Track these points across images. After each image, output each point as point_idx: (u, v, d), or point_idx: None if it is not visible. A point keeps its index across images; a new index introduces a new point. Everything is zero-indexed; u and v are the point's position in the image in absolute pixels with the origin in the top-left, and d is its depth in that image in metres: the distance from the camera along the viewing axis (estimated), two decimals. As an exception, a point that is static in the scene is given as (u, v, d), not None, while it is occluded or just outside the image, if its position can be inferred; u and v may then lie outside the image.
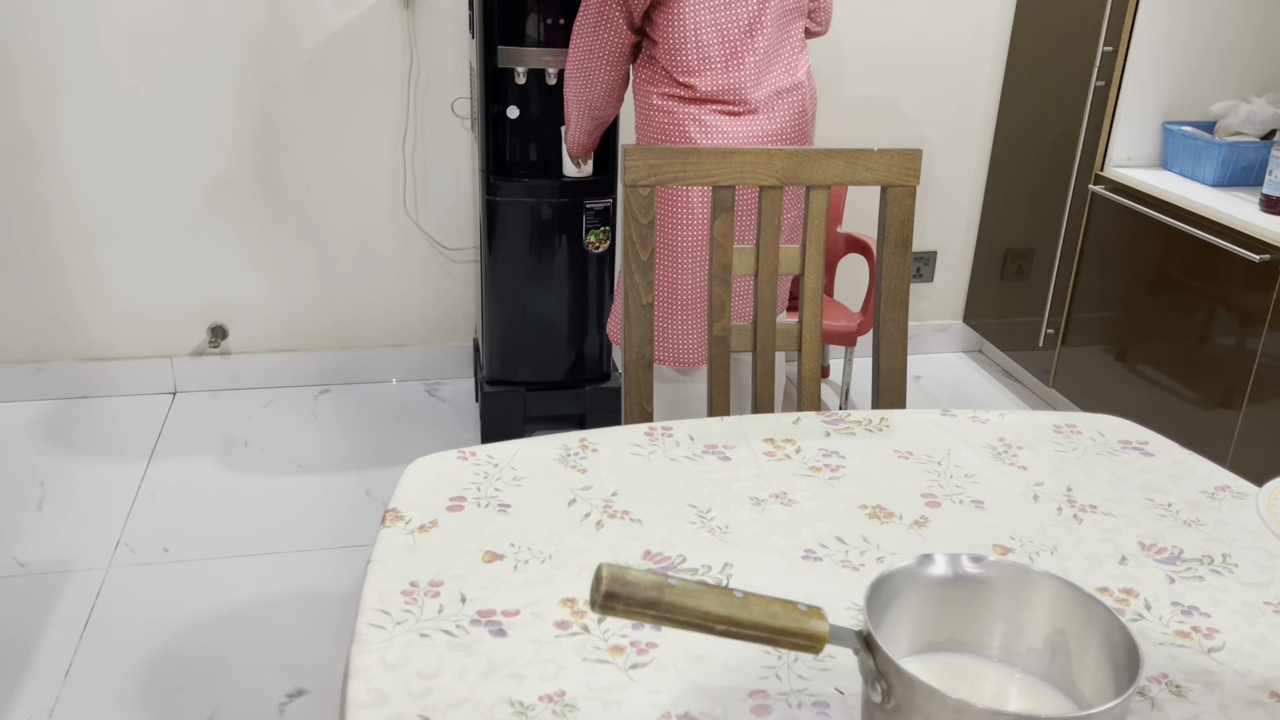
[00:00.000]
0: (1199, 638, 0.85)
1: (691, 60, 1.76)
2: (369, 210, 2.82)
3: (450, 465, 1.06)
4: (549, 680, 0.78)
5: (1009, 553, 0.96)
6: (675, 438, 1.14)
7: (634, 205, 1.23)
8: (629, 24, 1.79)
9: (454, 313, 2.99)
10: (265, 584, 2.08)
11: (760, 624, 0.68)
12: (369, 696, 0.75)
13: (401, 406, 2.86)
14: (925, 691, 0.66)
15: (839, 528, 0.99)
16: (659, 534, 0.96)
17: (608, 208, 2.55)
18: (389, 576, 0.89)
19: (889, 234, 1.29)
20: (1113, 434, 1.19)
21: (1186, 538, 0.99)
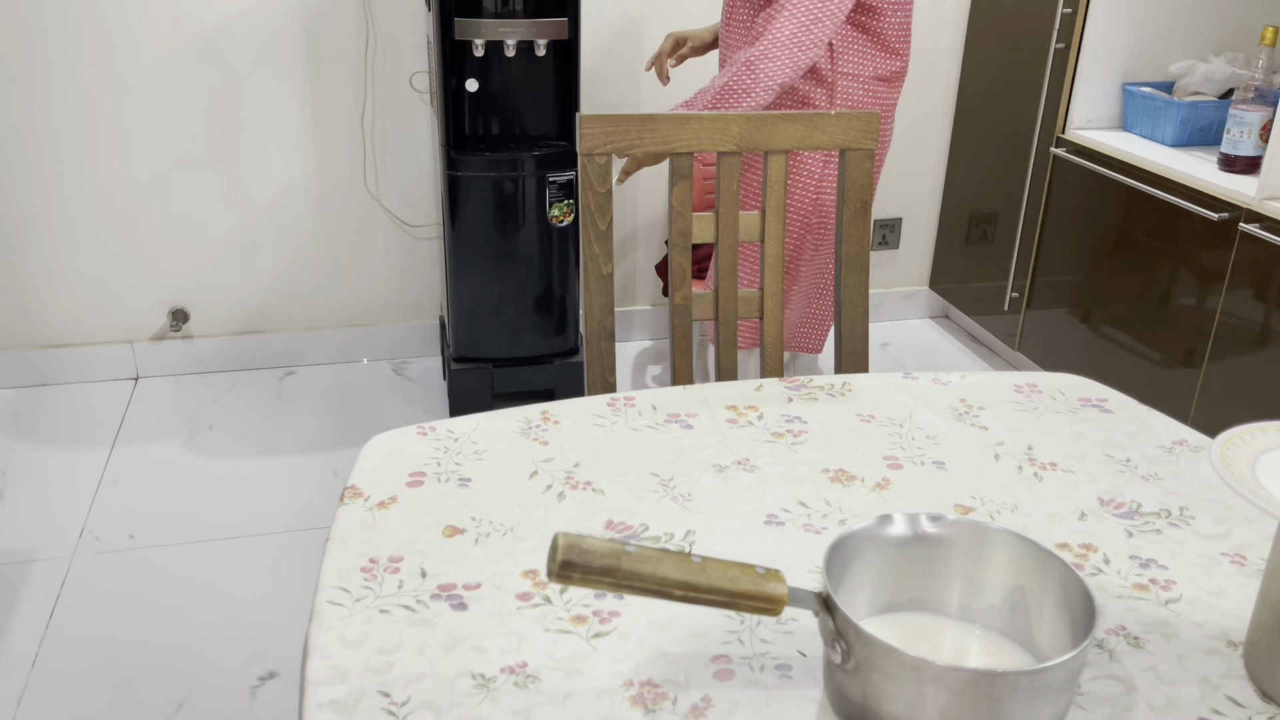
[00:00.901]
0: (1156, 590, 0.86)
1: (902, 30, 1.70)
2: (329, 188, 2.79)
3: (410, 441, 1.05)
4: (511, 652, 0.77)
5: (970, 512, 0.96)
6: (638, 407, 1.14)
7: (591, 174, 1.21)
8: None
9: (419, 290, 2.96)
10: (233, 568, 2.06)
11: (718, 588, 0.68)
12: (328, 674, 0.74)
13: (368, 386, 2.83)
14: (884, 650, 0.66)
15: (801, 492, 0.99)
16: (621, 503, 0.96)
17: (571, 180, 2.53)
18: (348, 554, 0.88)
19: (848, 198, 1.28)
20: (1072, 392, 1.19)
21: (1145, 492, 1.00)
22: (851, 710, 0.70)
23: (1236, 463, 0.73)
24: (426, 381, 2.87)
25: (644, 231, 3.05)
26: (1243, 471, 0.72)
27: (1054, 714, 0.66)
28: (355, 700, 0.72)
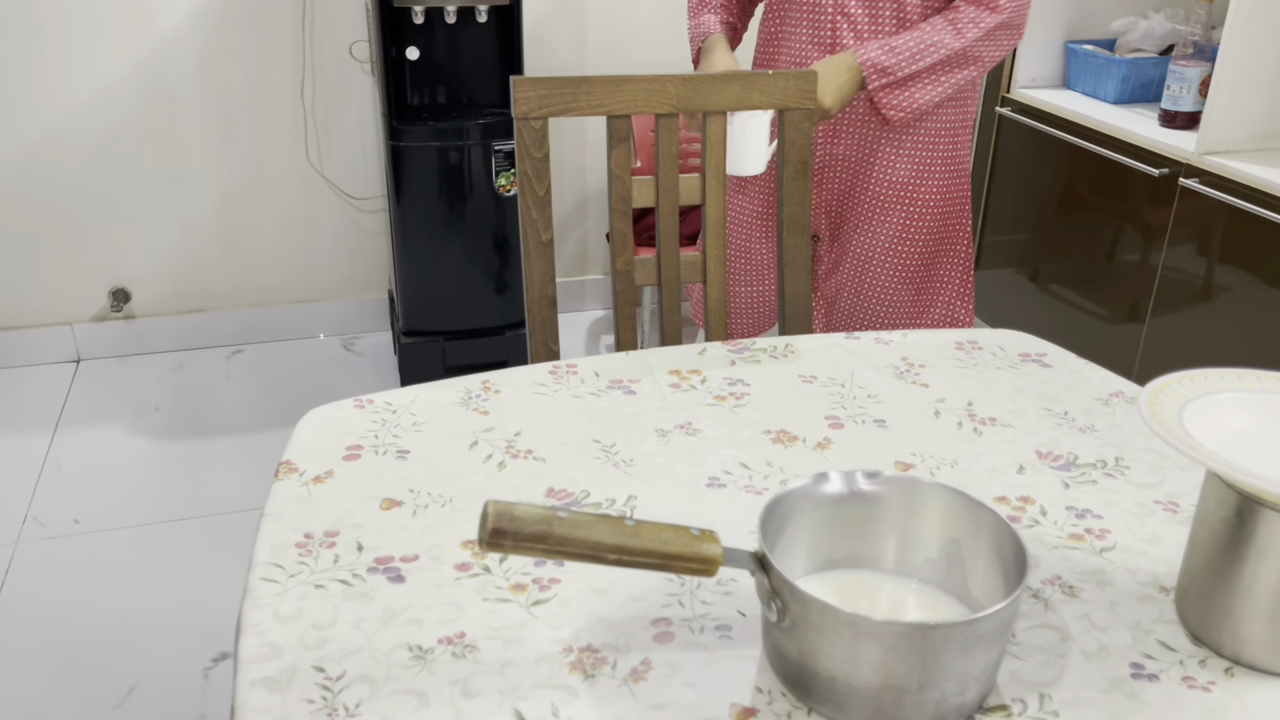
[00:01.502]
0: (1091, 539, 0.87)
1: None
2: (270, 162, 2.73)
3: (347, 414, 1.04)
4: (449, 623, 0.76)
5: (910, 469, 0.97)
6: (580, 375, 1.13)
7: (527, 139, 1.19)
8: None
9: (367, 264, 2.92)
10: (182, 550, 2.03)
11: (652, 551, 0.67)
12: (261, 652, 0.73)
13: (318, 363, 2.80)
14: (819, 608, 0.66)
15: (743, 454, 0.99)
16: (562, 471, 0.95)
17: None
18: (282, 530, 0.86)
19: (788, 158, 1.28)
20: (1012, 348, 1.20)
21: (1081, 444, 1.01)
22: (789, 668, 0.70)
23: (1164, 411, 0.73)
24: (377, 357, 2.84)
25: (594, 199, 3.03)
26: (1170, 419, 0.72)
27: (987, 663, 0.67)
28: (289, 677, 0.71)
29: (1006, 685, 0.72)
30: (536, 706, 0.69)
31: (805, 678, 0.68)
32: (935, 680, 0.65)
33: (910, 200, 1.68)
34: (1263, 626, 0.71)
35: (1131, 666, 0.73)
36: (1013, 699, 0.70)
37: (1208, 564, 0.74)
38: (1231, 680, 0.72)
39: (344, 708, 0.69)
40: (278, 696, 0.69)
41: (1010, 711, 0.69)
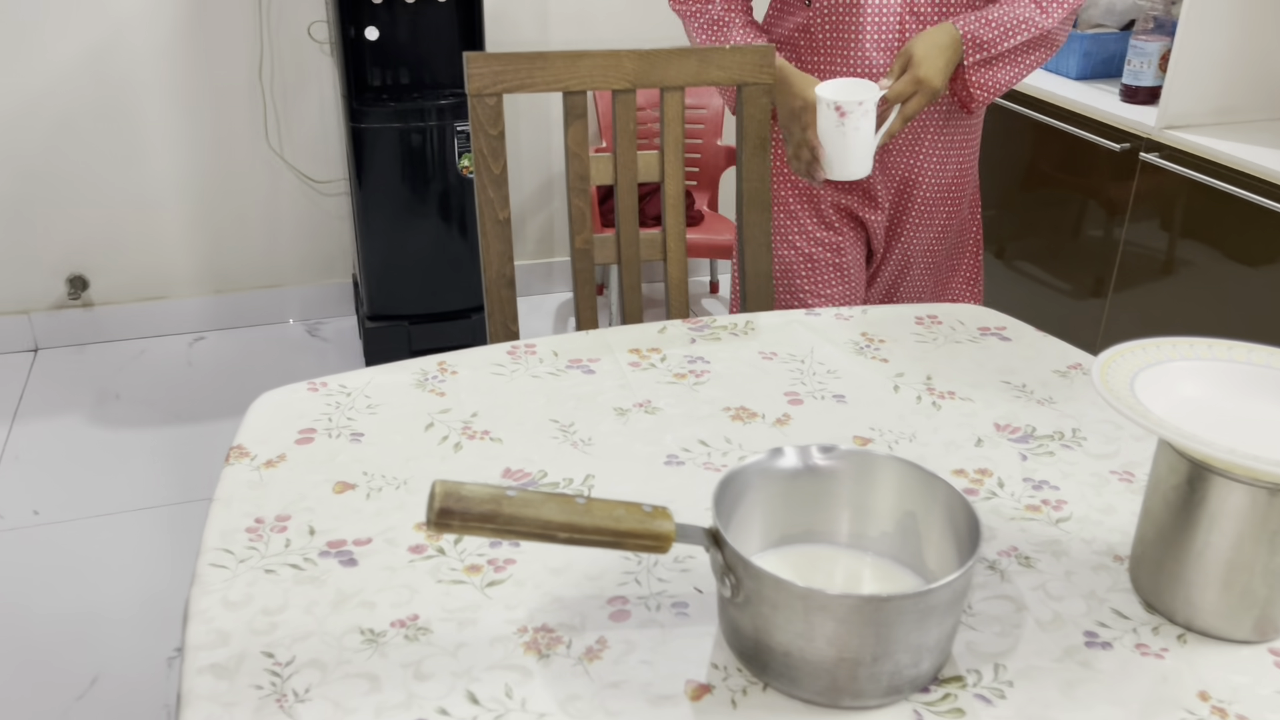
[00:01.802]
0: (1048, 510, 0.87)
1: None
2: (229, 145, 2.69)
3: (300, 397, 1.02)
4: (401, 606, 0.75)
5: (868, 443, 0.96)
6: (539, 355, 1.12)
7: (481, 116, 1.18)
8: None
9: (330, 248, 2.89)
10: (144, 540, 2.01)
11: (604, 528, 0.66)
12: (209, 639, 0.72)
13: (282, 349, 2.77)
14: (772, 582, 0.65)
15: (702, 431, 0.98)
16: (519, 451, 0.94)
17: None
18: (233, 514, 0.85)
19: (747, 134, 1.27)
20: (972, 322, 1.20)
21: (1039, 416, 1.01)
22: (744, 643, 0.69)
23: (1116, 380, 0.73)
24: (342, 342, 2.81)
25: (559, 179, 3.01)
26: (1121, 389, 0.73)
27: (941, 635, 0.67)
28: (237, 663, 0.70)
29: (962, 656, 0.72)
30: (490, 687, 0.68)
31: (760, 653, 0.68)
32: (889, 652, 0.65)
33: (953, 202, 1.58)
34: (1214, 593, 0.72)
35: (1085, 635, 0.74)
36: (968, 670, 0.71)
37: (1160, 532, 0.74)
38: (1184, 647, 0.73)
39: (293, 693, 0.68)
40: (225, 683, 0.68)
41: (965, 682, 0.70)
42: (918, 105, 1.35)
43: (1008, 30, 1.41)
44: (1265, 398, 0.76)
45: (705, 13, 1.46)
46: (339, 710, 0.66)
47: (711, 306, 3.12)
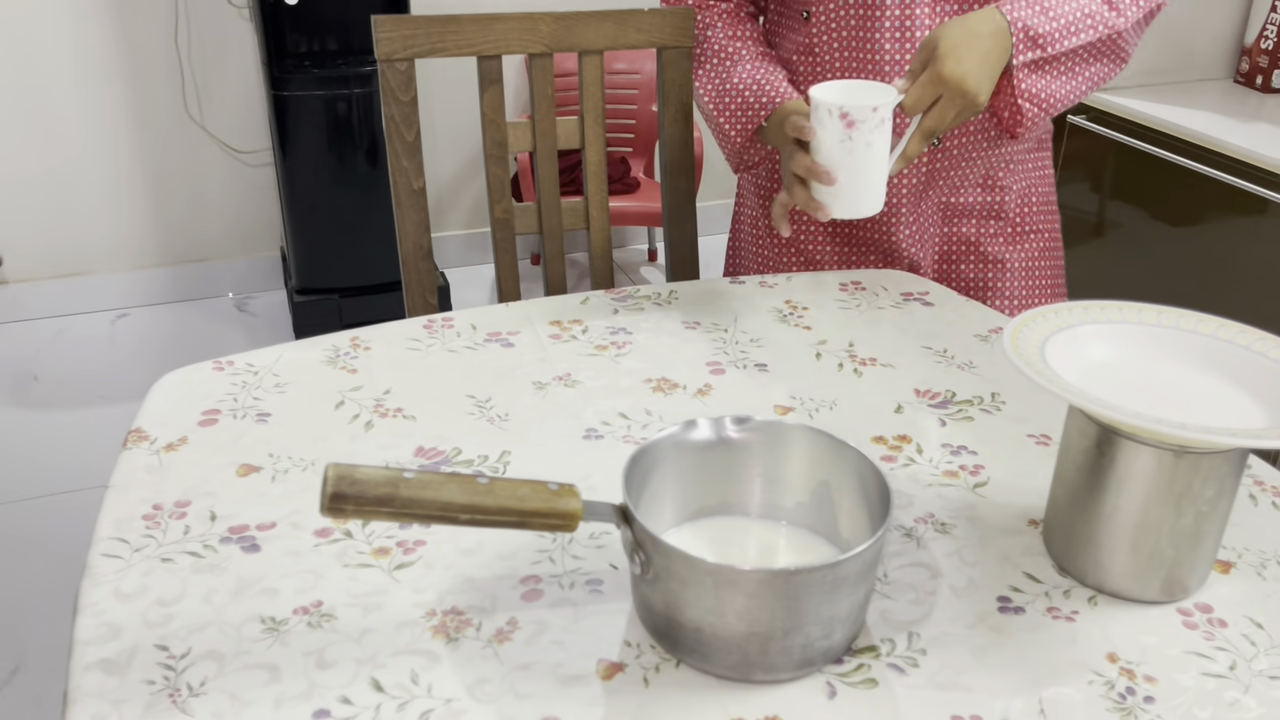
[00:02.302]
0: (966, 475, 0.87)
1: None
2: (146, 115, 2.59)
3: (204, 377, 0.98)
4: (305, 592, 0.73)
5: (789, 412, 0.96)
6: (456, 328, 1.09)
7: (392, 82, 1.14)
8: None
9: (257, 220, 2.81)
10: (67, 524, 1.95)
11: (508, 508, 0.65)
12: (98, 633, 0.69)
13: (210, 325, 2.70)
14: (681, 558, 0.64)
15: (622, 404, 0.96)
16: (433, 429, 0.92)
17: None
18: (128, 501, 0.81)
19: (668, 99, 1.24)
20: (895, 287, 1.20)
21: (960, 381, 1.01)
22: (656, 620, 0.68)
23: (1027, 345, 0.73)
24: (272, 317, 2.75)
25: (493, 149, 2.95)
26: (1032, 353, 0.72)
27: (853, 605, 0.66)
28: (128, 658, 0.67)
29: (876, 625, 0.71)
30: (395, 674, 0.66)
31: (672, 629, 0.67)
32: (800, 625, 0.64)
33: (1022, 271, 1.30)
34: (1124, 555, 0.72)
35: (999, 600, 0.74)
36: (881, 639, 0.70)
37: (1071, 496, 0.74)
38: (1094, 609, 0.73)
39: (187, 687, 0.65)
40: (115, 679, 0.65)
41: (879, 652, 0.69)
42: (943, 116, 1.00)
43: (1070, 25, 1.08)
44: (1174, 359, 0.76)
45: (705, 42, 1.20)
46: (236, 703, 0.64)
47: (650, 275, 3.10)
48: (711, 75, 1.19)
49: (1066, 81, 1.12)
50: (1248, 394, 0.72)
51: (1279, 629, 0.71)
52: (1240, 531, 0.81)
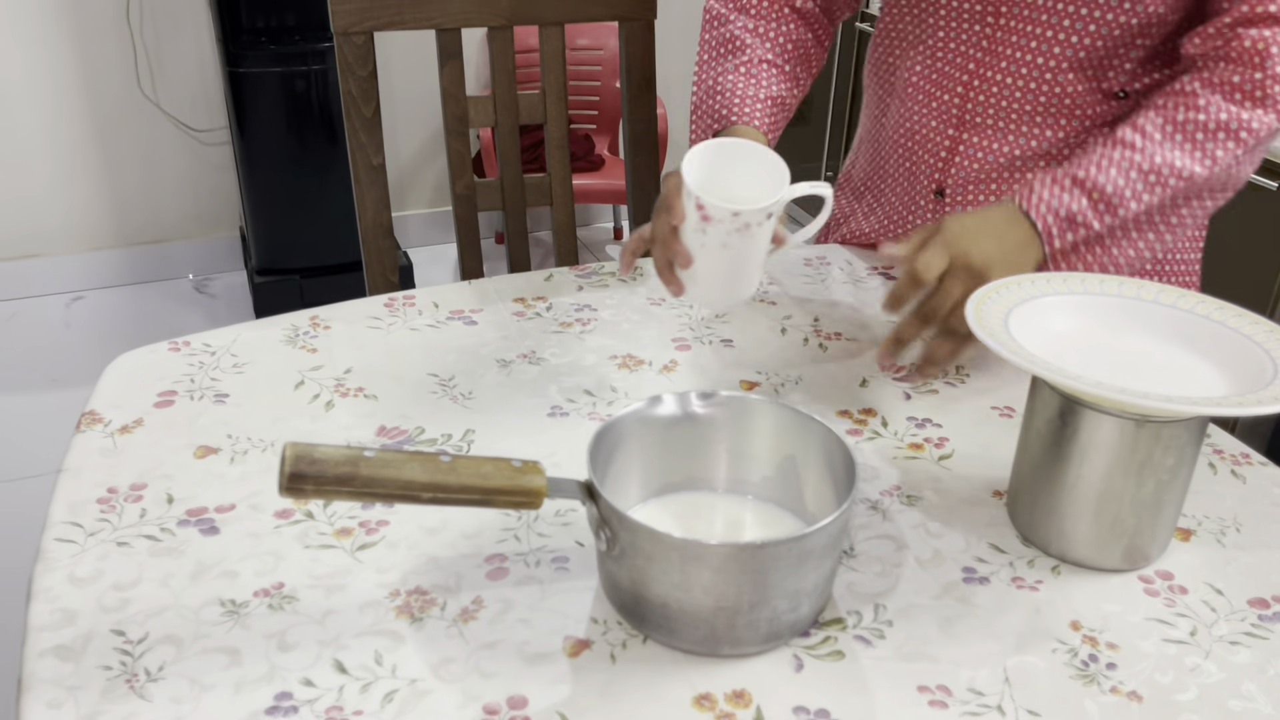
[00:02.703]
0: (930, 448, 0.88)
1: None
2: (98, 93, 2.53)
3: (160, 358, 0.96)
4: (266, 574, 0.72)
5: (755, 387, 0.95)
6: (418, 306, 1.07)
7: (349, 56, 1.11)
8: None
9: (215, 200, 2.76)
10: (19, 510, 1.91)
11: (471, 486, 0.64)
12: (52, 619, 0.67)
13: (169, 307, 2.65)
14: (647, 534, 0.64)
15: (587, 380, 0.96)
16: (395, 408, 0.91)
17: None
18: (82, 485, 0.80)
19: (630, 74, 1.23)
20: (860, 262, 1.20)
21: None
22: (623, 596, 0.68)
23: (990, 317, 0.73)
24: (232, 298, 2.71)
25: (455, 126, 2.92)
26: (995, 325, 0.72)
27: (819, 578, 0.66)
28: (84, 644, 0.66)
29: (843, 598, 0.71)
30: (358, 655, 0.66)
31: (639, 605, 0.67)
32: (766, 599, 0.64)
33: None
34: (1086, 524, 0.73)
35: (964, 571, 0.74)
36: (848, 611, 0.70)
37: (1035, 466, 0.75)
38: (1058, 578, 0.74)
39: (145, 672, 0.64)
40: (70, 665, 0.64)
41: (845, 624, 0.69)
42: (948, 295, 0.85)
43: (1122, 190, 0.90)
44: (1136, 330, 0.77)
45: (717, 31, 1.07)
46: (195, 687, 0.63)
47: (616, 253, 3.08)
48: (705, 67, 1.07)
49: (1137, 241, 0.94)
50: (1208, 363, 0.73)
51: (1238, 595, 0.72)
52: (1200, 500, 0.82)
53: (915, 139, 1.11)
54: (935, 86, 1.07)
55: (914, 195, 1.14)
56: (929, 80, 1.08)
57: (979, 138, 1.06)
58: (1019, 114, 1.03)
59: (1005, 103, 1.03)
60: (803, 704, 0.63)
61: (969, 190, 1.09)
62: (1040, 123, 1.03)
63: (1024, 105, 1.03)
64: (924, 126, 1.10)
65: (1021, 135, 1.04)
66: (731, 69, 1.03)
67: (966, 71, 1.04)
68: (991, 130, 1.05)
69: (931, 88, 1.08)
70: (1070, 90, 1.01)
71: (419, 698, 0.63)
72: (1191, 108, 0.90)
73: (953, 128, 1.07)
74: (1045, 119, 1.03)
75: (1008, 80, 1.02)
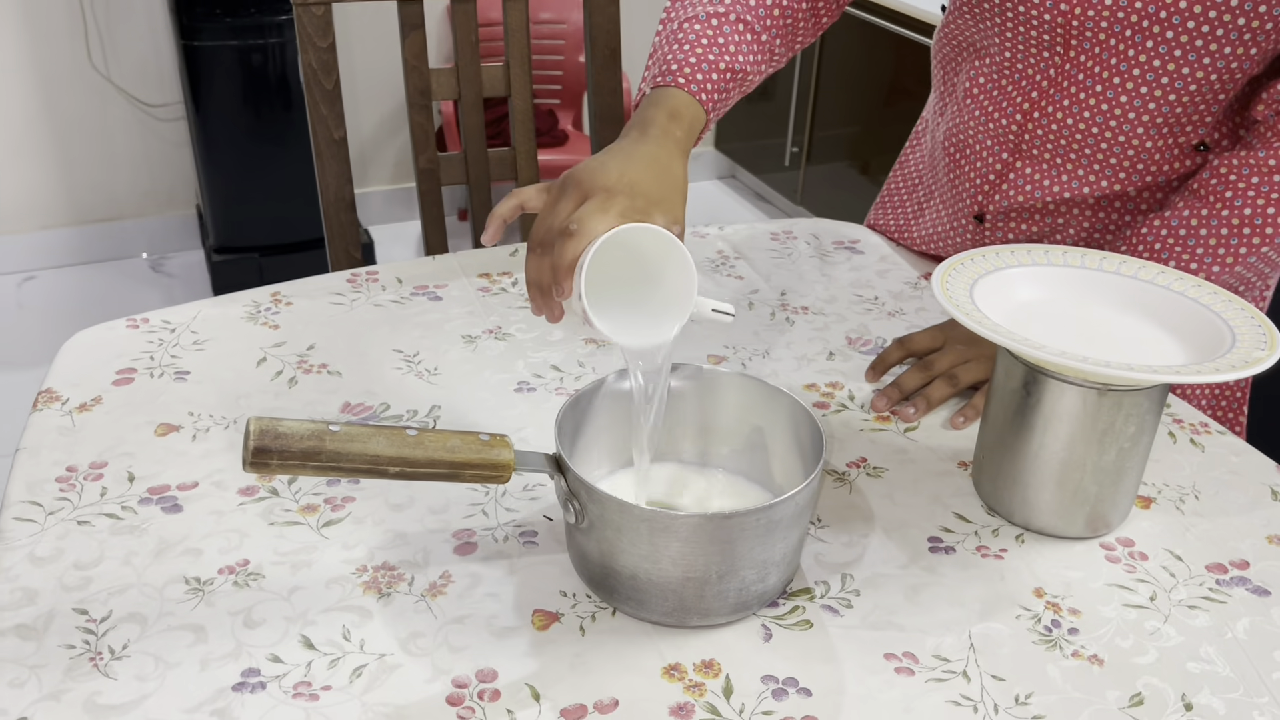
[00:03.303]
0: (896, 421, 0.88)
1: None
2: (47, 67, 2.47)
3: (118, 336, 0.95)
4: (230, 551, 0.71)
5: (722, 361, 0.95)
6: (381, 281, 1.06)
7: (309, 27, 1.09)
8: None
9: (170, 177, 2.71)
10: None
11: (438, 460, 0.63)
12: (13, 598, 0.66)
13: (124, 286, 2.60)
14: (615, 506, 0.64)
15: (554, 356, 0.95)
16: (360, 384, 0.90)
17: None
18: (40, 464, 0.78)
19: (595, 46, 1.22)
20: (826, 236, 1.20)
21: (890, 327, 1.02)
22: (591, 569, 0.68)
23: (956, 289, 0.74)
24: (189, 277, 2.67)
25: (417, 102, 2.88)
26: (961, 296, 0.73)
27: (787, 549, 0.67)
28: (46, 622, 0.65)
29: (810, 568, 0.72)
30: (326, 631, 0.65)
31: (608, 578, 0.67)
32: (735, 569, 0.64)
33: None
34: (1049, 493, 0.74)
35: (930, 541, 0.75)
36: (816, 581, 0.71)
37: (999, 436, 0.75)
38: (1021, 546, 0.75)
39: (109, 650, 0.63)
40: (32, 644, 0.63)
41: (813, 594, 0.70)
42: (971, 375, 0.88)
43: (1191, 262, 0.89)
44: (1098, 301, 0.78)
45: (676, 14, 0.92)
46: (160, 665, 0.62)
47: (579, 230, 3.07)
48: (677, 3, 0.93)
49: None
50: (1167, 333, 0.74)
51: (1196, 560, 0.74)
52: (1160, 468, 0.83)
53: (966, 154, 1.05)
54: (995, 106, 1.00)
55: (956, 214, 1.10)
56: (990, 97, 1.01)
57: (1032, 168, 1.00)
58: (1078, 154, 0.96)
59: (1065, 140, 0.96)
60: (771, 673, 0.63)
61: (1010, 220, 1.04)
62: (1098, 170, 0.96)
63: (1084, 147, 0.96)
64: (978, 143, 1.03)
65: (1076, 177, 0.98)
66: (702, 18, 0.89)
67: (1029, 100, 0.97)
68: (1047, 165, 0.99)
69: (991, 106, 1.01)
70: (1136, 143, 0.94)
71: (388, 672, 0.62)
72: (1214, 212, 0.87)
73: (1007, 152, 1.01)
74: (1105, 165, 0.96)
75: (1069, 120, 0.95)
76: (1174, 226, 0.89)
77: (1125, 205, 0.99)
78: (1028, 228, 1.04)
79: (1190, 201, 0.89)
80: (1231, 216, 0.87)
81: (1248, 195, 0.86)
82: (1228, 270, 0.89)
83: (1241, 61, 0.87)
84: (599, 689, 0.62)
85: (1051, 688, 0.63)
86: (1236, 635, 0.67)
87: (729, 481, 0.76)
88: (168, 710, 0.59)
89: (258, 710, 0.59)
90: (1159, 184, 0.97)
